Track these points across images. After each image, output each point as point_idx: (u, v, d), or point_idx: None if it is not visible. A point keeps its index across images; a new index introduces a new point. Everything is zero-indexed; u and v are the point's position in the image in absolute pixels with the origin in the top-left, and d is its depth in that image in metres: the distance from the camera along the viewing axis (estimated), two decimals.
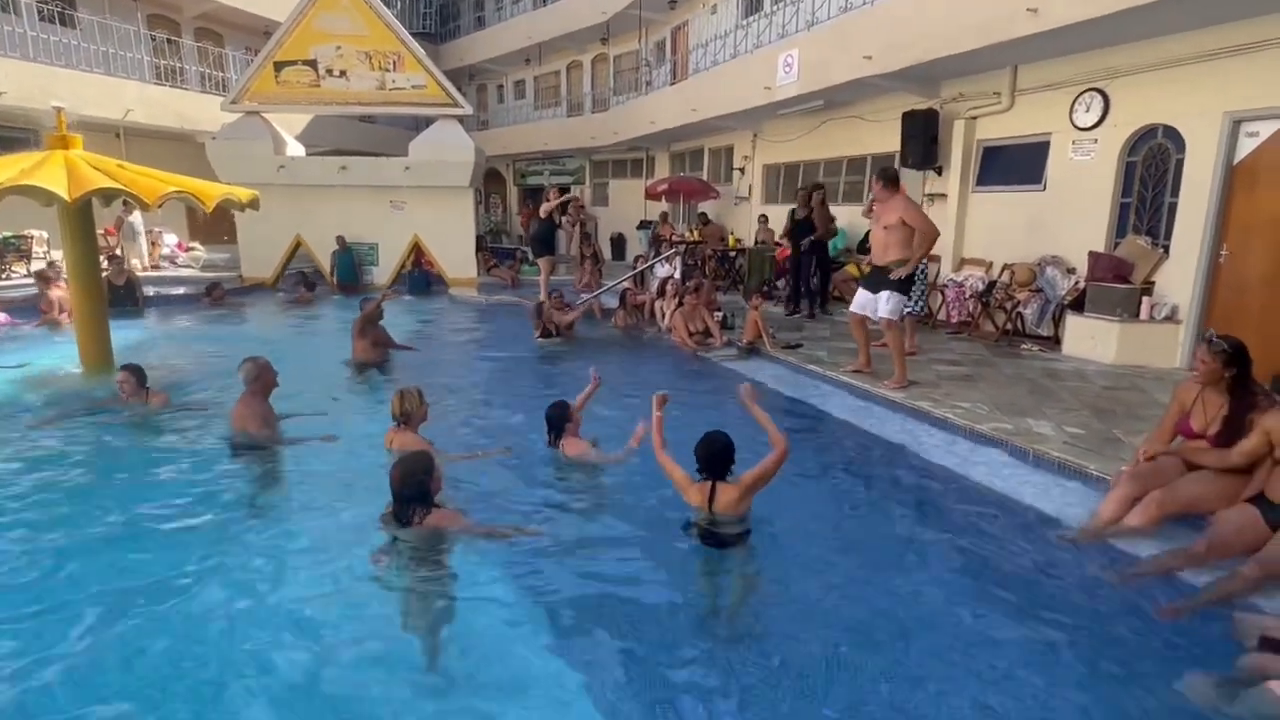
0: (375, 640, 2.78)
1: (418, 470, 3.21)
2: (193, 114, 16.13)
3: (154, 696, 2.44)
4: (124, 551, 3.38)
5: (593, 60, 21.29)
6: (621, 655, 2.72)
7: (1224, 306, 6.47)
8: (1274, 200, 6.07)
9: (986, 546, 3.61)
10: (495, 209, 25.44)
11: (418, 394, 4.32)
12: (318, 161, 13.30)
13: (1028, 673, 2.61)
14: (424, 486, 3.20)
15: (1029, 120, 8.28)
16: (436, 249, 13.30)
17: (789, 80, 10.73)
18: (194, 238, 17.00)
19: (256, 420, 4.54)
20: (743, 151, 14.79)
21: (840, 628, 2.91)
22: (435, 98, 12.95)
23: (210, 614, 2.89)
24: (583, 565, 3.35)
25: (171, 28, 17.38)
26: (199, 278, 12.94)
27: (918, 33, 8.21)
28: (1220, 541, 3.16)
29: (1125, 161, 7.28)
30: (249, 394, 4.59)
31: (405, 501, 3.19)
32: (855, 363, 6.46)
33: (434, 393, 6.20)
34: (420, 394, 4.34)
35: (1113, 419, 5.05)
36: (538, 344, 8.13)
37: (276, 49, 12.52)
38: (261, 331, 9.42)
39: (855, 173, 11.64)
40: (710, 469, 3.31)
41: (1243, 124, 6.22)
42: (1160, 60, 6.71)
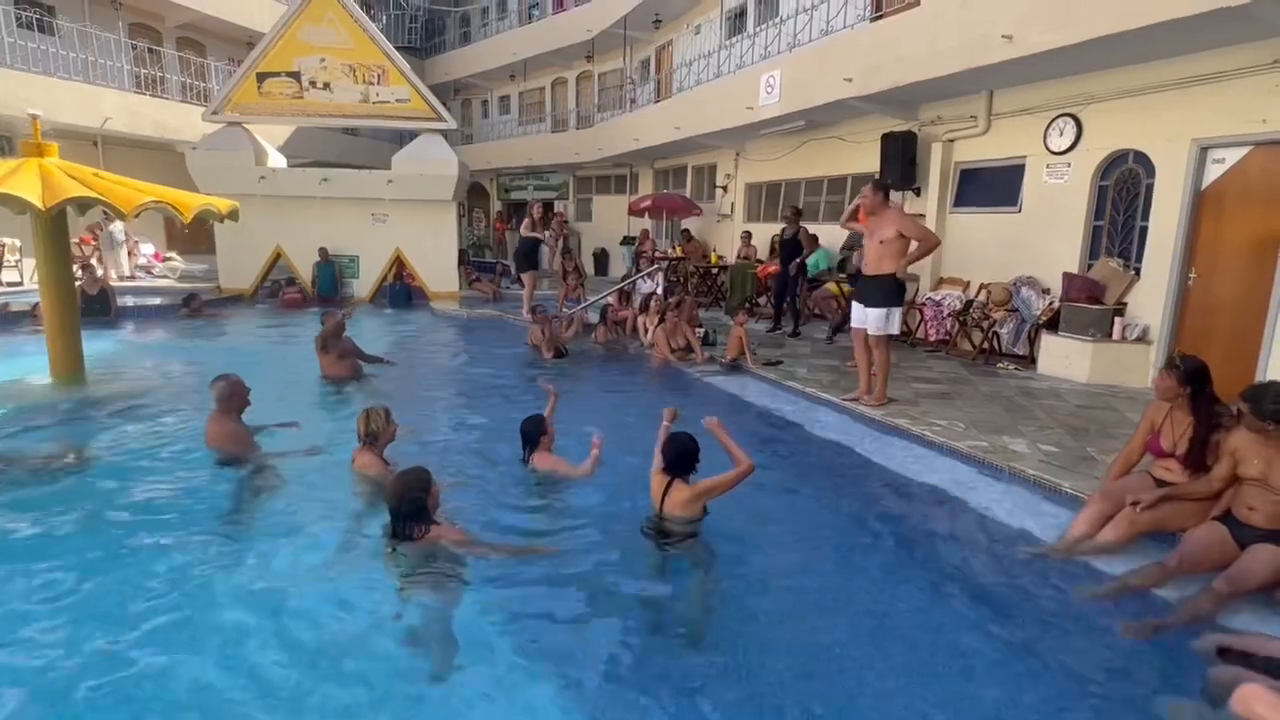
0: (361, 654, 2.75)
1: (415, 487, 3.17)
2: (173, 123, 16.02)
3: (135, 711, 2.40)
4: (101, 565, 3.30)
5: (577, 77, 21.45)
6: (595, 664, 2.73)
7: (1193, 328, 6.61)
8: (1239, 225, 6.24)
9: (960, 561, 3.64)
10: (478, 223, 25.44)
11: (384, 414, 4.15)
12: (299, 173, 13.24)
13: (996, 687, 2.63)
14: (421, 504, 3.16)
15: (1005, 144, 8.45)
16: (418, 262, 13.26)
17: (771, 100, 10.88)
18: (171, 248, 16.82)
19: (230, 439, 4.47)
20: (725, 170, 14.94)
21: (808, 639, 2.92)
22: (419, 111, 12.98)
23: (185, 628, 2.84)
24: (558, 576, 3.34)
25: (153, 36, 17.28)
26: (176, 288, 12.78)
27: (896, 57, 8.38)
28: (1190, 559, 3.21)
29: (1098, 185, 7.45)
30: (220, 412, 4.49)
31: (403, 519, 3.16)
32: (855, 390, 6.13)
33: (411, 407, 6.20)
34: (387, 413, 4.16)
35: (1086, 437, 5.13)
36: (548, 363, 8.04)
37: (260, 60, 12.50)
38: (239, 343, 9.30)
39: (836, 192, 11.79)
40: (673, 466, 3.50)
41: (1209, 151, 6.39)
42: (1130, 88, 6.90)
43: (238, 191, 11.11)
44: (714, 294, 13.28)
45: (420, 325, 11.13)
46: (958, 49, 7.48)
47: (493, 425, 5.58)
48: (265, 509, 4.02)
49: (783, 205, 13.04)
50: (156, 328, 9.86)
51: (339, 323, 6.91)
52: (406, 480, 3.20)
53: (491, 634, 2.88)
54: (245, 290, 12.83)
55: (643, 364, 8.35)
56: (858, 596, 3.31)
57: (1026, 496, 4.26)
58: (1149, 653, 2.79)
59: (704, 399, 6.74)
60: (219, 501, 4.08)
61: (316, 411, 6.08)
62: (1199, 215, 6.52)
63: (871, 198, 5.80)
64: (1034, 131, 7.96)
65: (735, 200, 14.63)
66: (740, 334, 7.74)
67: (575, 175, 21.91)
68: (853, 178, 11.26)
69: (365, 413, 4.15)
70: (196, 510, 3.93)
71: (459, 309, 12.40)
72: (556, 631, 2.95)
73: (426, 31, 26.31)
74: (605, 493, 4.13)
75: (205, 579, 3.21)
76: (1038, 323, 7.68)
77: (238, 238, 11.97)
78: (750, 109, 11.37)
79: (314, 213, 12.77)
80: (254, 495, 4.19)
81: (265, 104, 12.65)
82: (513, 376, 7.69)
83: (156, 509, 3.94)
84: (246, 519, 3.90)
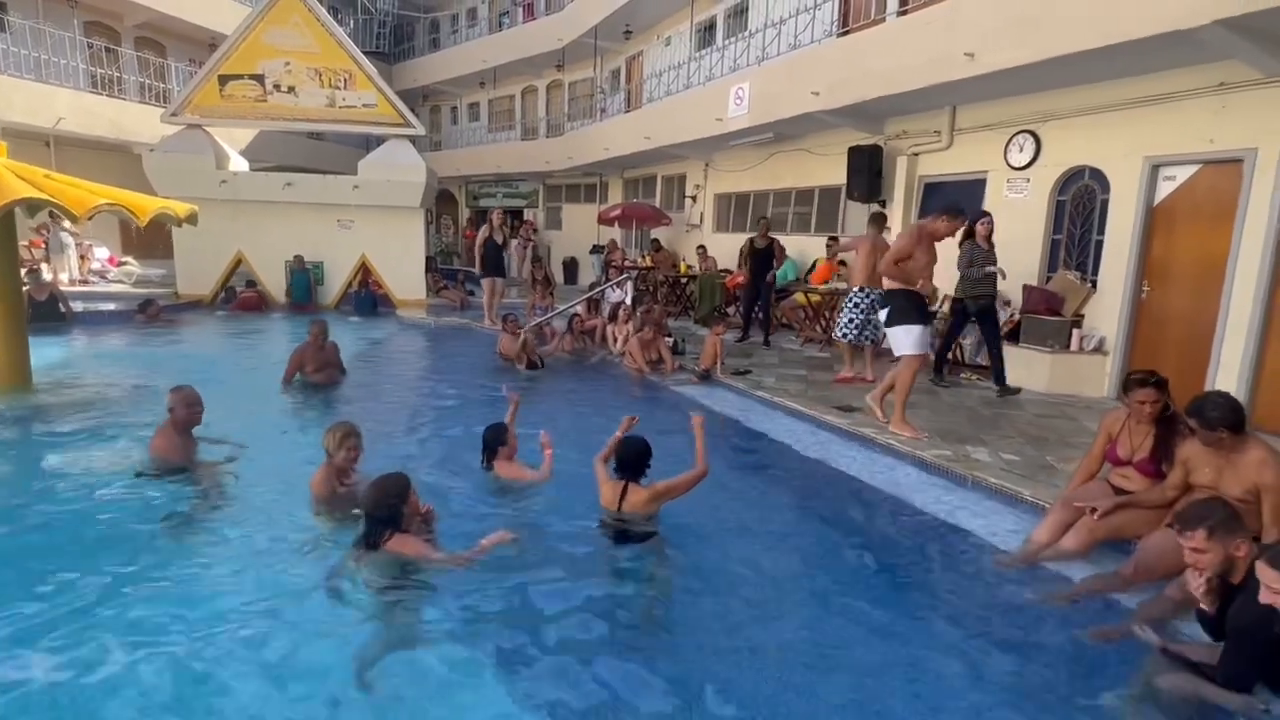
0: (309, 659, 2.69)
1: (391, 493, 3.16)
2: (130, 125, 15.62)
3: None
4: (38, 575, 3.16)
5: (548, 86, 21.44)
6: (552, 662, 2.74)
7: (1146, 339, 6.82)
8: (1188, 241, 6.46)
9: (923, 569, 3.69)
10: (447, 230, 25.22)
11: (341, 434, 3.91)
12: (262, 177, 12.99)
13: (958, 690, 2.65)
14: (396, 510, 3.14)
15: (967, 158, 8.65)
16: (384, 269, 13.08)
17: (740, 112, 11.00)
18: (127, 252, 16.33)
19: (177, 451, 4.30)
20: (695, 180, 15.03)
21: (771, 643, 2.94)
22: (387, 117, 12.83)
23: (132, 639, 2.73)
24: (518, 580, 3.30)
25: (110, 35, 16.85)
26: (131, 293, 12.41)
27: (862, 71, 8.53)
28: (1145, 565, 3.29)
29: (1056, 200, 7.66)
30: (169, 425, 4.31)
31: (376, 523, 3.13)
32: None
33: (376, 415, 6.10)
34: (344, 434, 3.91)
35: (1046, 446, 5.24)
36: (520, 374, 7.87)
37: (222, 62, 12.25)
38: (197, 350, 9.06)
39: (804, 204, 11.94)
40: (624, 469, 3.65)
41: (1161, 168, 6.62)
42: (1087, 106, 7.11)
43: (197, 195, 10.83)
44: (683, 304, 13.32)
45: (386, 333, 10.96)
46: (921, 65, 7.64)
47: (458, 434, 5.50)
48: (210, 523, 3.85)
49: (751, 216, 13.18)
50: (111, 334, 9.55)
51: (322, 328, 6.89)
52: (384, 486, 3.18)
53: (446, 636, 2.87)
54: (204, 296, 12.52)
55: (611, 373, 8.32)
56: (817, 599, 3.35)
57: (989, 504, 4.33)
58: (1106, 655, 2.84)
59: (675, 407, 6.74)
60: (158, 514, 3.88)
61: (281, 419, 5.94)
62: (1151, 230, 6.73)
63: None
64: (995, 147, 8.16)
65: (705, 210, 14.73)
66: (716, 343, 7.75)
67: (545, 184, 21.86)
68: (820, 189, 11.42)
69: (331, 428, 3.97)
70: (135, 523, 3.76)
71: (426, 317, 12.25)
72: (514, 632, 2.92)
73: (395, 37, 26.07)
74: (568, 496, 4.11)
75: (136, 594, 3.08)
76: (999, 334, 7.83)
77: (197, 242, 11.68)
78: (719, 120, 11.47)
79: (277, 218, 12.53)
80: (197, 509, 4.00)
81: (227, 106, 12.39)
82: (480, 385, 7.59)
83: (98, 522, 3.78)
84: (188, 533, 3.73)
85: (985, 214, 7.22)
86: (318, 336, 6.88)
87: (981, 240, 6.95)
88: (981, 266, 6.87)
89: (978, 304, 6.92)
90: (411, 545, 3.20)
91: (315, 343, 6.86)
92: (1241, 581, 2.57)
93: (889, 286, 5.55)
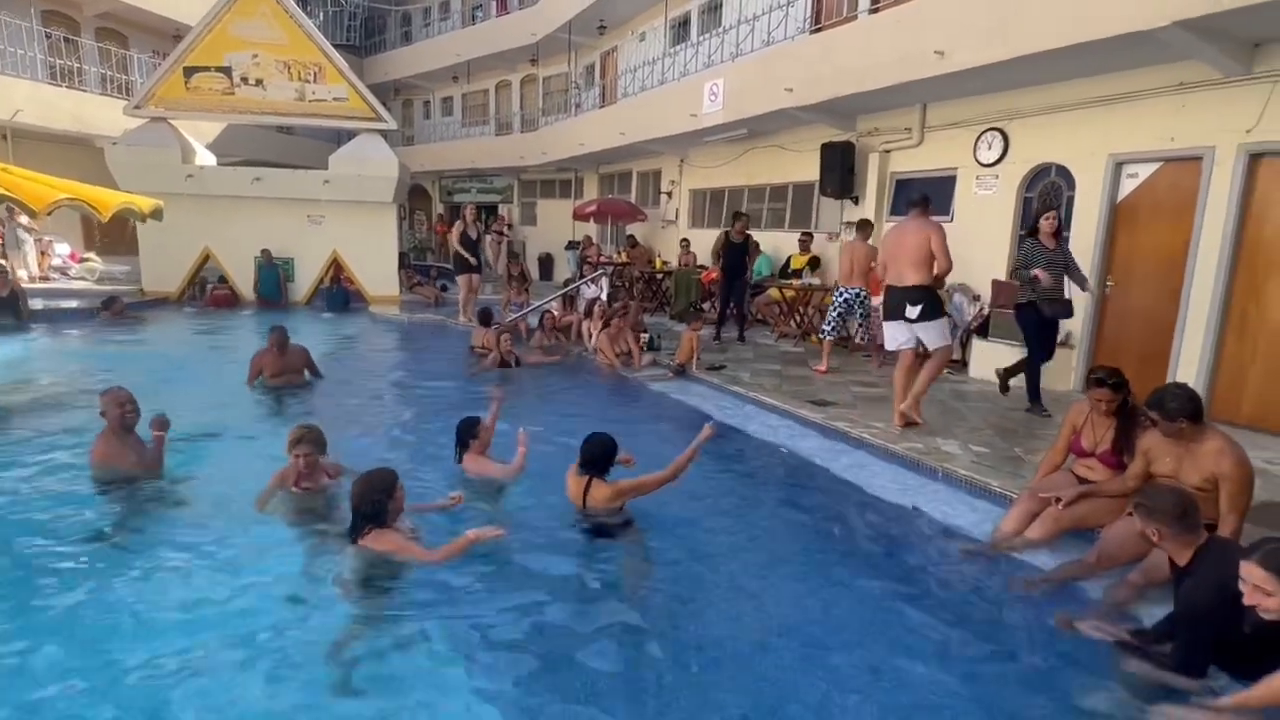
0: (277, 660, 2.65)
1: (378, 488, 3.17)
2: (91, 117, 15.21)
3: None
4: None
5: (522, 80, 21.30)
6: (523, 657, 2.75)
7: (1111, 333, 6.98)
8: (1150, 237, 6.61)
9: (894, 558, 3.76)
10: (420, 226, 24.97)
11: (300, 436, 3.87)
12: (230, 172, 12.74)
13: (926, 676, 2.71)
14: (381, 506, 3.16)
15: (937, 155, 8.76)
16: (356, 265, 12.92)
17: (714, 108, 11.02)
18: (89, 248, 15.94)
19: (122, 456, 4.09)
20: (670, 176, 15.05)
21: (739, 635, 2.97)
22: (358, 111, 12.67)
23: (96, 647, 2.68)
24: (491, 572, 3.32)
25: (70, 26, 16.38)
26: (94, 290, 12.12)
27: (834, 69, 8.60)
28: (1108, 553, 3.38)
29: (1023, 196, 7.79)
30: (109, 431, 4.09)
31: (360, 517, 3.16)
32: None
33: (349, 412, 6.04)
34: (302, 437, 3.88)
35: (1014, 438, 5.35)
36: (490, 370, 7.73)
37: (187, 53, 11.99)
38: (163, 348, 8.87)
39: (778, 200, 12.01)
40: (587, 465, 3.66)
41: (1124, 165, 6.77)
42: (1053, 104, 7.25)
43: (162, 190, 10.63)
44: (658, 299, 13.34)
45: (359, 330, 10.84)
46: (892, 63, 7.73)
47: (432, 430, 5.46)
48: (162, 532, 3.71)
49: (727, 211, 13.23)
50: (73, 332, 9.31)
51: (279, 336, 6.61)
52: (370, 480, 3.20)
53: (419, 631, 2.88)
54: (171, 293, 12.26)
55: (585, 369, 8.31)
56: (791, 588, 3.40)
57: (959, 496, 4.41)
58: (1072, 642, 2.91)
59: (645, 403, 6.76)
60: (112, 523, 3.76)
61: (238, 421, 5.72)
62: (1115, 226, 6.88)
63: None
64: (964, 144, 8.28)
65: (680, 206, 14.75)
66: (693, 339, 7.77)
67: (520, 179, 21.73)
68: (794, 186, 11.50)
69: (295, 429, 3.92)
70: (88, 531, 3.65)
71: (399, 313, 12.12)
72: (487, 628, 2.93)
73: (366, 30, 25.70)
74: (540, 491, 4.12)
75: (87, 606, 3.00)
76: (969, 328, 7.97)
77: (163, 238, 11.43)
78: (694, 116, 11.49)
79: (246, 213, 12.30)
80: (150, 518, 3.86)
81: (193, 99, 12.13)
82: (454, 382, 7.56)
83: (49, 530, 3.65)
84: (138, 542, 3.59)
85: (1052, 208, 6.33)
86: (274, 345, 6.59)
87: (1045, 238, 5.90)
88: (1028, 268, 5.84)
89: (1052, 308, 5.92)
90: (389, 541, 3.17)
91: (272, 350, 6.60)
92: (1187, 566, 2.65)
93: (915, 283, 5.36)
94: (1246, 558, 2.26)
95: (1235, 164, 5.80)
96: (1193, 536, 2.66)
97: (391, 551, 3.16)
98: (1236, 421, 5.75)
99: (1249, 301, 5.85)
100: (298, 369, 6.83)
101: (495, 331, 8.15)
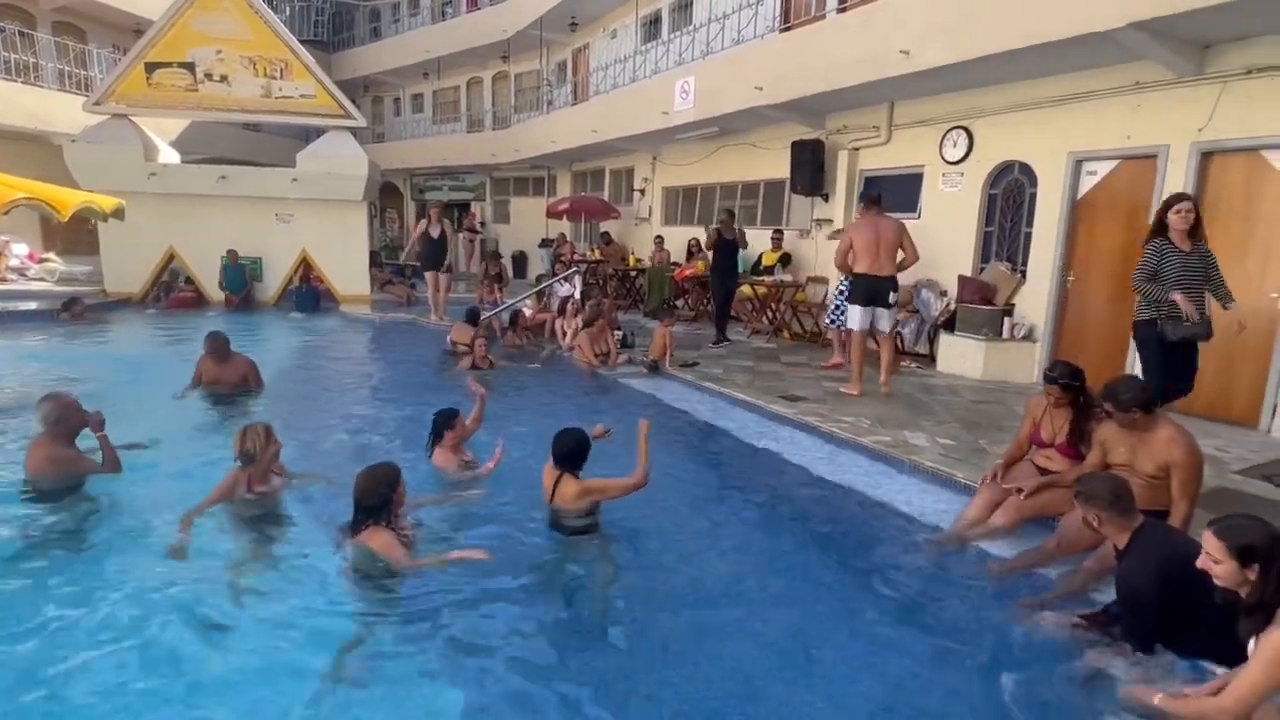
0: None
1: (382, 482, 3.19)
2: (49, 114, 14.82)
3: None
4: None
5: (493, 77, 21.16)
6: (494, 659, 2.76)
7: (1072, 327, 7.16)
8: (1108, 233, 6.80)
9: (862, 548, 3.84)
10: (391, 224, 24.70)
11: (264, 432, 3.78)
12: (195, 169, 12.53)
13: (892, 662, 2.78)
14: (385, 499, 3.18)
15: (905, 153, 8.91)
16: (326, 265, 12.77)
17: (685, 106, 11.08)
18: (49, 248, 15.54)
19: (58, 464, 3.89)
20: (643, 173, 15.08)
21: (710, 628, 3.01)
22: (326, 108, 12.51)
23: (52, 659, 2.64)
24: (462, 572, 3.31)
25: (25, 19, 15.94)
26: (54, 291, 11.83)
27: (803, 67, 8.70)
28: (1067, 541, 3.48)
29: (988, 193, 7.96)
30: (48, 436, 3.90)
31: (363, 511, 3.17)
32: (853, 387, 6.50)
33: (321, 412, 5.97)
34: (268, 431, 3.79)
35: (979, 430, 5.47)
36: (465, 371, 7.58)
37: (148, 49, 11.75)
38: (125, 350, 8.68)
39: (749, 197, 12.10)
40: (561, 460, 3.60)
41: (1084, 163, 6.94)
42: (1015, 103, 7.41)
43: (124, 188, 10.40)
44: (632, 297, 13.37)
45: (330, 330, 10.71)
46: (859, 62, 7.84)
47: (405, 430, 5.44)
48: (101, 544, 3.57)
49: (700, 209, 13.30)
50: (31, 334, 9.07)
51: (215, 343, 6.17)
52: (375, 474, 3.20)
53: (391, 631, 2.89)
54: (133, 293, 12.00)
55: (560, 368, 8.31)
56: (759, 580, 3.45)
57: (925, 487, 4.51)
58: (1033, 627, 3.01)
59: (625, 402, 6.79)
60: (52, 536, 3.60)
61: (191, 425, 5.53)
62: (1075, 222, 7.06)
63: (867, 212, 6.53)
64: (930, 142, 8.42)
65: (653, 204, 14.79)
66: (665, 336, 7.82)
67: (492, 176, 21.60)
68: (765, 183, 11.59)
69: (243, 430, 3.77)
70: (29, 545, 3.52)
71: (370, 313, 12.01)
72: (457, 628, 2.94)
73: (334, 25, 25.34)
74: (515, 491, 4.11)
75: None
76: (936, 323, 8.12)
77: (125, 238, 11.18)
78: (666, 114, 11.54)
79: (212, 212, 12.07)
80: (86, 526, 3.71)
81: (155, 95, 11.88)
82: (427, 381, 7.51)
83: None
84: (80, 554, 3.46)
85: (1183, 196, 4.55)
86: (212, 350, 6.12)
87: (1177, 238, 4.35)
88: (1154, 279, 4.32)
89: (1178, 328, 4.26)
90: (381, 540, 3.16)
91: (211, 356, 6.12)
92: (1125, 549, 2.77)
93: (890, 273, 6.36)
94: (1185, 535, 2.38)
95: (1188, 161, 5.99)
96: (1127, 520, 2.77)
97: (380, 551, 3.17)
98: (1191, 411, 5.93)
99: None
100: (234, 380, 6.23)
101: (476, 333, 8.09)
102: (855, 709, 2.54)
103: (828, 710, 2.52)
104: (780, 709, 2.52)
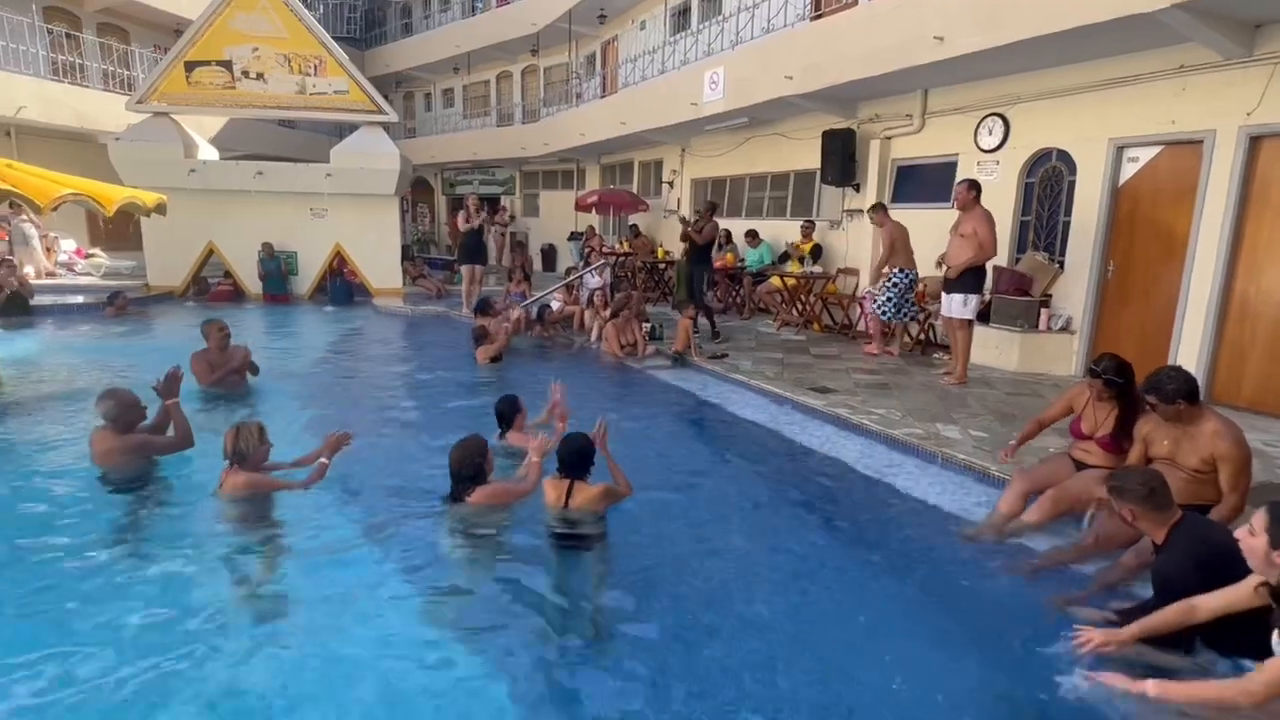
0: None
1: (475, 452, 3.57)
2: (94, 113, 15.26)
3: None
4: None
5: (523, 71, 21.25)
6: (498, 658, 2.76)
7: (1111, 318, 6.97)
8: (1151, 220, 6.60)
9: (894, 541, 3.81)
10: (423, 218, 24.99)
11: (257, 431, 3.77)
12: (233, 166, 12.78)
13: (926, 657, 2.76)
14: (479, 468, 3.56)
15: (938, 141, 8.74)
16: (359, 258, 12.96)
17: (715, 97, 11.00)
18: (95, 244, 16.02)
19: (123, 453, 3.98)
20: (671, 165, 15.03)
21: (742, 620, 3.00)
22: (359, 104, 12.67)
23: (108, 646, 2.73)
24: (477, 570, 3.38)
25: (72, 22, 16.41)
26: (100, 286, 12.19)
27: (835, 55, 8.58)
28: (1106, 535, 3.40)
29: (1024, 182, 7.77)
30: (109, 430, 3.98)
31: (461, 480, 3.54)
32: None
33: (355, 404, 6.07)
34: (260, 431, 3.79)
35: (1014, 423, 5.35)
36: (483, 367, 7.58)
37: (188, 48, 12.00)
38: (167, 342, 8.91)
39: (779, 188, 12.00)
40: (566, 467, 3.58)
41: (1125, 150, 6.74)
42: (1053, 89, 7.22)
43: (165, 185, 10.64)
44: (661, 289, 13.36)
45: (363, 322, 10.89)
46: (892, 49, 7.70)
47: (438, 420, 5.52)
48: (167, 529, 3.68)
49: (729, 200, 13.22)
50: (79, 327, 9.38)
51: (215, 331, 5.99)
52: (467, 447, 3.58)
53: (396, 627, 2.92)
54: (175, 288, 12.33)
55: (587, 359, 8.34)
56: (788, 577, 3.42)
57: (958, 480, 4.45)
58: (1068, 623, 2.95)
59: (650, 392, 6.79)
60: (119, 520, 3.73)
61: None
62: (1116, 211, 6.87)
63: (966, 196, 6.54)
64: (965, 130, 8.25)
65: (681, 196, 14.74)
66: (687, 326, 7.80)
67: (521, 170, 21.72)
68: (795, 174, 11.48)
69: (235, 429, 3.75)
70: (91, 528, 3.62)
71: (403, 306, 12.17)
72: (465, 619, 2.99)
73: (366, 22, 25.67)
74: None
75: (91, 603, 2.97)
76: None
77: (167, 233, 11.48)
78: (695, 105, 11.47)
79: (249, 207, 12.34)
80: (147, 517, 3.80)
81: (194, 94, 12.16)
82: (459, 373, 7.59)
83: (58, 527, 3.64)
84: (144, 539, 3.57)
85: None
86: (216, 340, 5.93)
87: None
88: None
89: None
90: (493, 490, 3.58)
91: (213, 348, 5.94)
92: (1163, 544, 2.70)
93: (960, 261, 6.48)
94: (1225, 529, 2.32)
95: (1236, 146, 5.78)
96: (1164, 514, 2.70)
97: (500, 495, 3.59)
98: (1237, 404, 5.77)
99: (1250, 284, 5.85)
100: (238, 369, 6.07)
101: (498, 322, 8.16)
102: (891, 702, 2.51)
103: (863, 697, 2.50)
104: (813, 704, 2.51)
